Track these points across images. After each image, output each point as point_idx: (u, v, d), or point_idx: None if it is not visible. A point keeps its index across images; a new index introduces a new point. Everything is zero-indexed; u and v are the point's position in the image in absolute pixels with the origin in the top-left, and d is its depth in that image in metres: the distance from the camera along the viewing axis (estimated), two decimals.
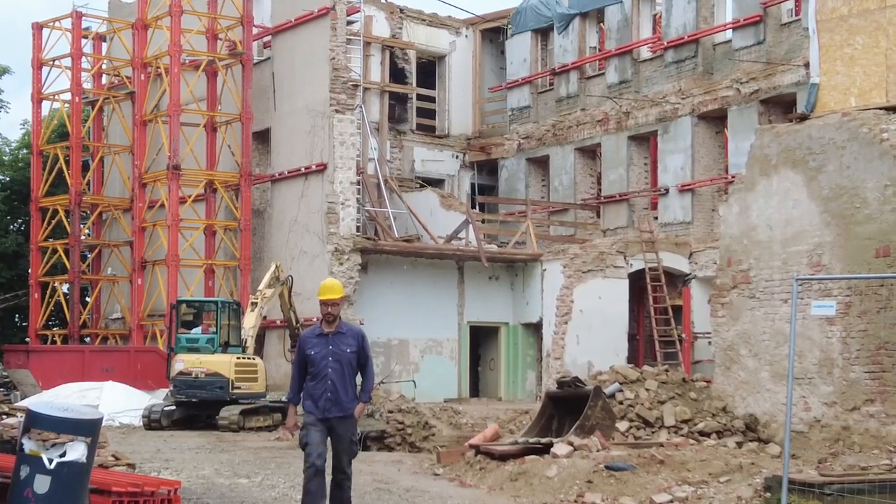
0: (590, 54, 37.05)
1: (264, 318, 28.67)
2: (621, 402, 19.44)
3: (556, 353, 30.05)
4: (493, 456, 17.40)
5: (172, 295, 32.06)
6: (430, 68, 40.63)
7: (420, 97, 39.76)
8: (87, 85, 40.15)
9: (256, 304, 27.32)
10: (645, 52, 35.06)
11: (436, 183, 39.30)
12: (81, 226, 39.36)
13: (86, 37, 39.85)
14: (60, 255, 38.51)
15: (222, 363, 26.25)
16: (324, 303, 10.74)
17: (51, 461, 8.26)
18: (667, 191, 33.27)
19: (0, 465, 9.36)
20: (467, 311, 33.18)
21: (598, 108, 35.86)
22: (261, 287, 27.61)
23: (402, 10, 39.16)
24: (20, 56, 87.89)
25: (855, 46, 19.89)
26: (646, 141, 35.07)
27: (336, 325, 10.76)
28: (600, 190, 36.43)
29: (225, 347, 27.08)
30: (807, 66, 25.08)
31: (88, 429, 8.56)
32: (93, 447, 8.59)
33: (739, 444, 18.47)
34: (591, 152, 36.98)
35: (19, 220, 46.36)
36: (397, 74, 38.48)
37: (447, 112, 40.46)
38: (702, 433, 18.92)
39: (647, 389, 19.76)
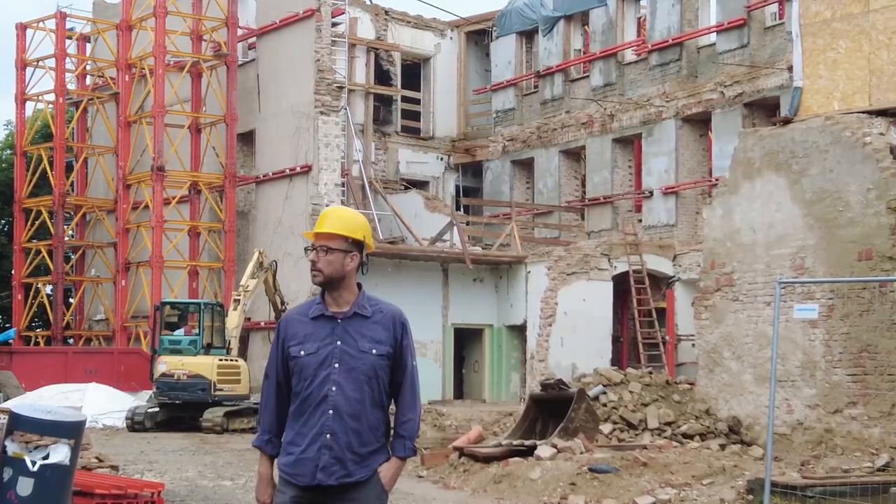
0: (574, 57, 37.11)
1: (248, 319, 28.63)
2: (605, 405, 19.48)
3: (541, 355, 30.07)
4: (476, 458, 17.42)
5: (156, 296, 32.03)
6: (414, 70, 40.65)
7: (405, 99, 39.77)
8: (71, 86, 40.09)
9: (239, 300, 27.29)
10: (629, 55, 35.12)
11: (420, 185, 39.32)
12: (65, 227, 39.26)
13: (70, 37, 39.79)
14: (44, 256, 38.43)
15: (204, 365, 26.23)
16: (315, 242, 5.56)
17: (34, 463, 8.23)
18: (651, 193, 33.35)
19: None
20: (452, 312, 33.17)
21: (582, 111, 35.92)
22: (243, 280, 27.55)
23: (387, 12, 39.18)
24: (4, 57, 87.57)
25: (838, 50, 19.97)
26: (630, 143, 35.14)
27: (353, 301, 5.54)
28: (584, 192, 36.49)
29: (207, 349, 27.06)
30: (790, 69, 25.15)
31: (72, 431, 8.54)
32: (76, 449, 8.57)
33: (722, 447, 18.53)
34: (575, 155, 37.03)
35: (2, 221, 46.29)
36: (382, 76, 38.48)
37: (432, 114, 40.47)
38: (685, 435, 18.97)
39: (630, 392, 19.82)
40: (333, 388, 5.35)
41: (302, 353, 5.41)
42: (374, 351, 5.42)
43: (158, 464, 18.27)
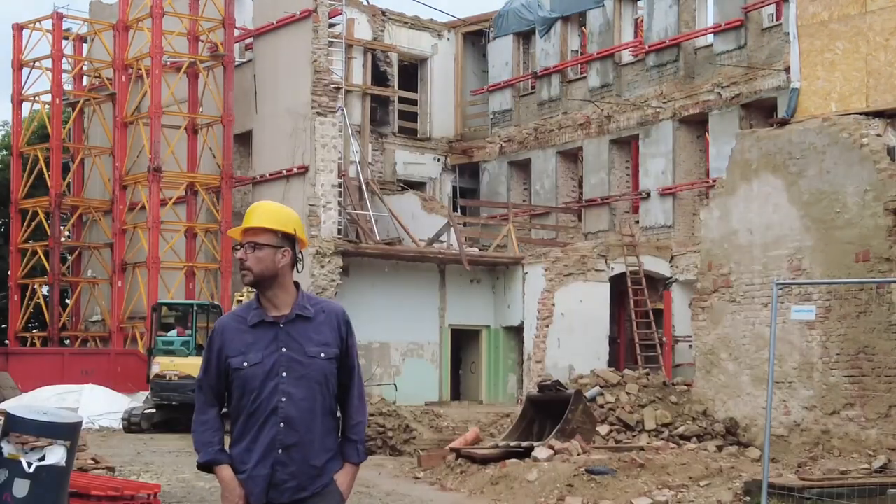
0: (571, 58, 37.10)
1: None
2: (602, 406, 19.48)
3: (537, 356, 30.06)
4: (473, 459, 17.41)
5: (153, 297, 31.97)
6: (412, 71, 40.62)
7: (402, 100, 39.74)
8: (67, 86, 40.03)
9: (242, 301, 27.26)
10: (626, 56, 35.12)
11: (417, 186, 39.29)
12: (61, 227, 39.19)
13: (66, 38, 39.72)
14: (40, 257, 38.34)
15: (196, 366, 26.13)
16: (242, 239, 5.14)
17: (30, 465, 8.21)
18: (648, 194, 33.34)
19: None
20: (448, 314, 33.16)
21: (579, 112, 35.91)
22: None
23: (384, 13, 39.14)
24: (0, 57, 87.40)
25: (835, 52, 19.96)
26: (627, 145, 35.13)
27: (292, 302, 5.13)
28: (581, 193, 36.47)
29: (200, 350, 27.03)
30: (787, 70, 25.17)
31: (68, 432, 8.51)
32: (72, 451, 8.55)
33: (720, 448, 18.53)
34: (572, 156, 37.02)
35: None
36: (379, 77, 38.45)
37: (429, 115, 40.45)
38: (682, 437, 18.97)
39: (627, 393, 19.81)
40: (283, 399, 5.00)
41: (245, 364, 5.03)
42: (322, 355, 5.07)
43: (155, 465, 18.25)
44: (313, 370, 5.05)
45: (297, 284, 5.18)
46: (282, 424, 5.00)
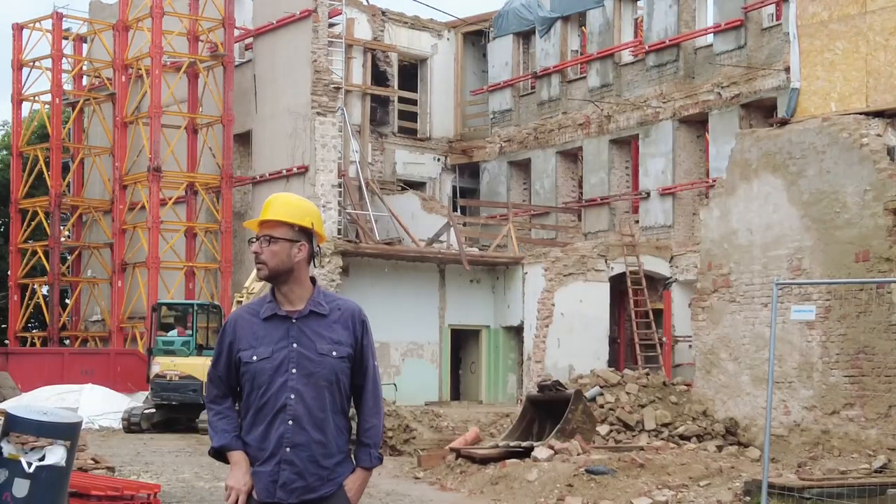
0: (571, 58, 37.09)
1: None
2: (602, 406, 19.47)
3: (537, 356, 30.05)
4: (473, 459, 17.41)
5: (153, 297, 31.97)
6: (411, 71, 40.62)
7: (402, 100, 39.74)
8: (67, 86, 40.02)
9: (241, 302, 27.25)
10: (626, 56, 35.11)
11: (417, 186, 39.29)
12: (61, 227, 39.17)
13: (66, 38, 39.71)
14: (40, 257, 38.35)
15: (196, 366, 26.20)
16: (258, 232, 5.05)
17: (30, 465, 8.21)
18: (648, 194, 33.33)
19: None
20: (448, 314, 33.15)
21: (579, 112, 35.91)
22: (247, 283, 27.52)
23: (384, 13, 39.14)
24: (0, 57, 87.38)
25: (835, 52, 19.97)
26: (627, 144, 35.12)
27: (307, 298, 5.01)
28: (581, 193, 36.47)
29: (200, 350, 27.05)
30: (787, 70, 25.18)
31: (68, 432, 8.51)
32: (72, 451, 8.54)
33: (719, 448, 18.53)
34: (572, 156, 37.01)
35: None
36: (379, 77, 38.45)
37: (429, 115, 40.45)
38: (682, 437, 18.96)
39: (627, 393, 19.81)
40: (292, 396, 4.83)
41: (254, 358, 4.88)
42: (334, 353, 4.89)
43: (155, 465, 18.24)
44: (324, 368, 4.88)
45: (313, 280, 5.08)
46: (290, 422, 4.84)
